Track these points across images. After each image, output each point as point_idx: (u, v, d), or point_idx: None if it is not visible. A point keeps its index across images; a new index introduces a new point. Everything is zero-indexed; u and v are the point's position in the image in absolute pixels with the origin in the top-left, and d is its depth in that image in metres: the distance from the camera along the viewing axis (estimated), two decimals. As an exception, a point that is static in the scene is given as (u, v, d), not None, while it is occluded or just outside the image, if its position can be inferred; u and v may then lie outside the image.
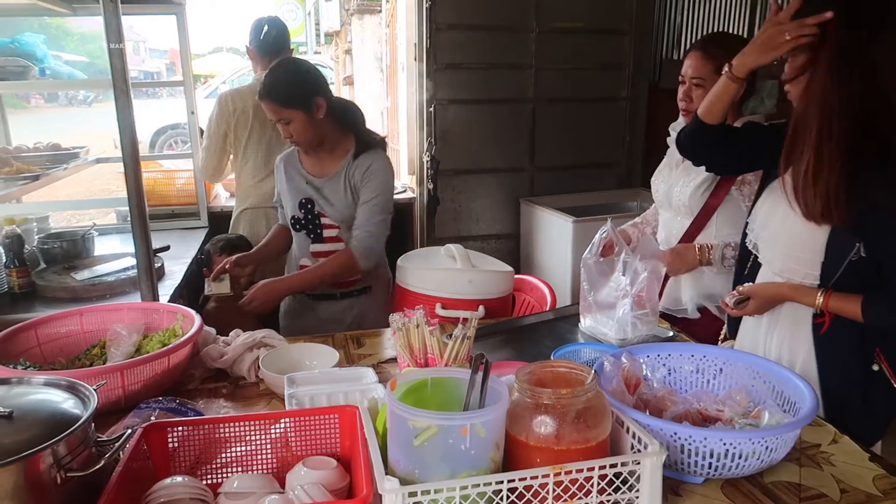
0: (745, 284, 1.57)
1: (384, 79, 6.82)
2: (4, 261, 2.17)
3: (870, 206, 1.32)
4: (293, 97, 1.95)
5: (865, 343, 1.42)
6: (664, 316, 1.95)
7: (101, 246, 2.66)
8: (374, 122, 6.75)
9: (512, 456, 1.02)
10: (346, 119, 2.12)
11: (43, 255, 2.46)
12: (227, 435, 1.12)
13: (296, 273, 2.14)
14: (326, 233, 2.11)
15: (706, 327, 1.94)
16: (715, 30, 4.06)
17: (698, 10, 4.25)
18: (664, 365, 1.39)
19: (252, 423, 1.14)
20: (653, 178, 2.12)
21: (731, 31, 3.64)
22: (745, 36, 3.25)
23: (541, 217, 3.56)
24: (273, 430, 1.14)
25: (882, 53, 1.33)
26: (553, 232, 3.42)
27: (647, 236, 1.97)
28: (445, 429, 0.94)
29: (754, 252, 1.59)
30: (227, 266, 2.07)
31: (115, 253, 2.48)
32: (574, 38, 3.74)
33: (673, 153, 2.06)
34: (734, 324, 1.71)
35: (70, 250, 2.48)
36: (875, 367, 1.41)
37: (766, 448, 1.08)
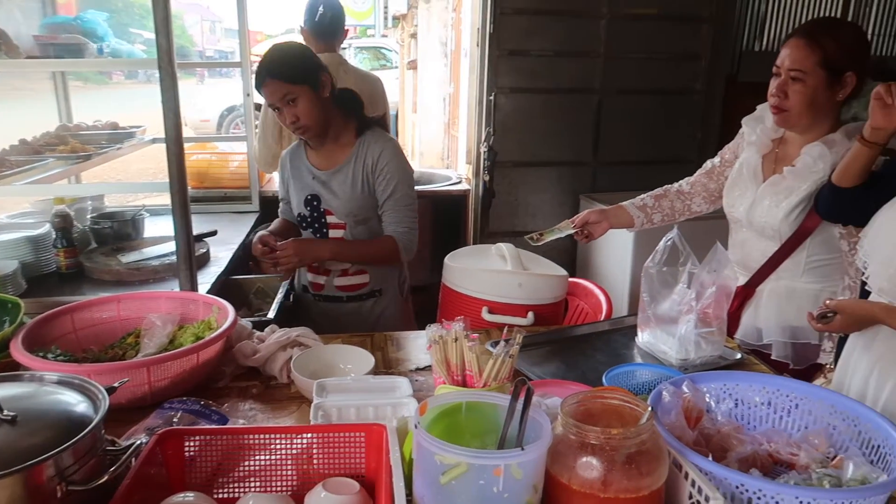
0: (836, 298, 1.42)
1: (448, 64, 6.71)
2: (53, 240, 2.16)
3: None
4: (299, 72, 1.85)
5: None
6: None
7: (152, 227, 2.64)
8: (435, 109, 6.66)
9: (551, 499, 0.91)
10: (348, 104, 2.02)
11: (95, 236, 2.46)
12: (246, 446, 1.05)
13: (334, 239, 2.02)
14: (332, 232, 2.03)
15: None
16: (803, 20, 3.79)
17: (785, -2, 3.98)
18: (731, 395, 1.24)
19: (273, 436, 1.06)
20: (726, 189, 1.89)
21: (820, 21, 3.37)
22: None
23: (601, 215, 3.38)
24: (295, 444, 1.06)
25: None
26: (613, 233, 3.22)
27: (719, 248, 1.79)
28: (476, 468, 0.84)
29: (863, 269, 1.41)
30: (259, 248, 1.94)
31: (162, 236, 2.45)
32: (648, 25, 3.52)
33: (750, 159, 1.85)
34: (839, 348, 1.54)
35: (120, 231, 2.47)
36: None
37: (849, 509, 0.93)
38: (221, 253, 2.49)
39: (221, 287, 2.26)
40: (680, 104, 3.67)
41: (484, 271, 1.87)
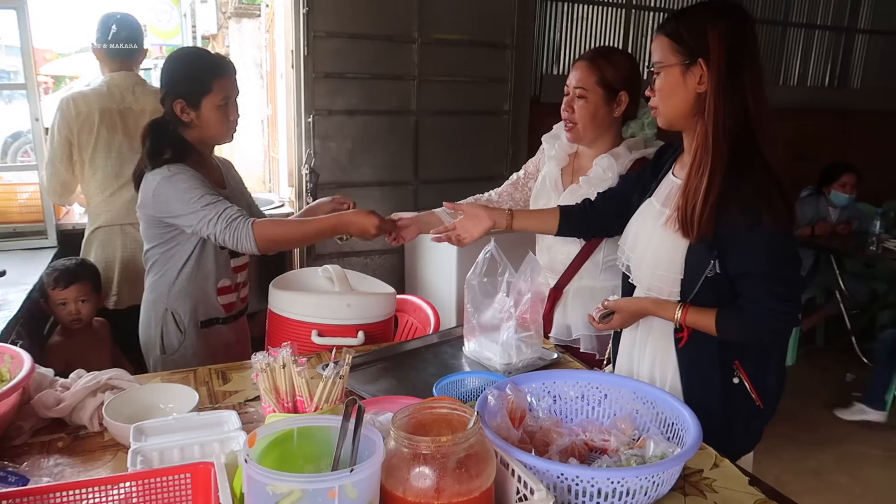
0: (611, 298, 1.59)
1: (264, 85, 6.56)
2: None
3: (725, 223, 1.35)
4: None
5: (725, 357, 1.44)
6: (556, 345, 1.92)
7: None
8: (253, 132, 6.47)
9: (388, 513, 0.92)
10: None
11: None
12: (53, 506, 0.95)
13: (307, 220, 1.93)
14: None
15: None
16: (591, 47, 4.19)
17: (576, 27, 4.37)
18: (549, 393, 1.34)
19: (85, 490, 0.97)
20: (532, 200, 2.08)
21: (606, 49, 3.75)
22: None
23: (425, 232, 3.48)
24: (113, 497, 0.98)
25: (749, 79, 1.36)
26: (438, 248, 3.34)
27: (531, 257, 1.92)
28: (310, 493, 0.83)
29: (626, 272, 1.59)
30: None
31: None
32: (457, 50, 3.70)
33: (551, 171, 2.04)
34: (616, 344, 1.70)
35: None
36: (735, 381, 1.44)
37: (654, 483, 1.04)
38: (12, 295, 2.22)
39: (14, 335, 2.01)
40: (491, 124, 3.89)
41: (311, 294, 1.85)
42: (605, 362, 1.80)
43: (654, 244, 1.49)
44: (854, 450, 3.21)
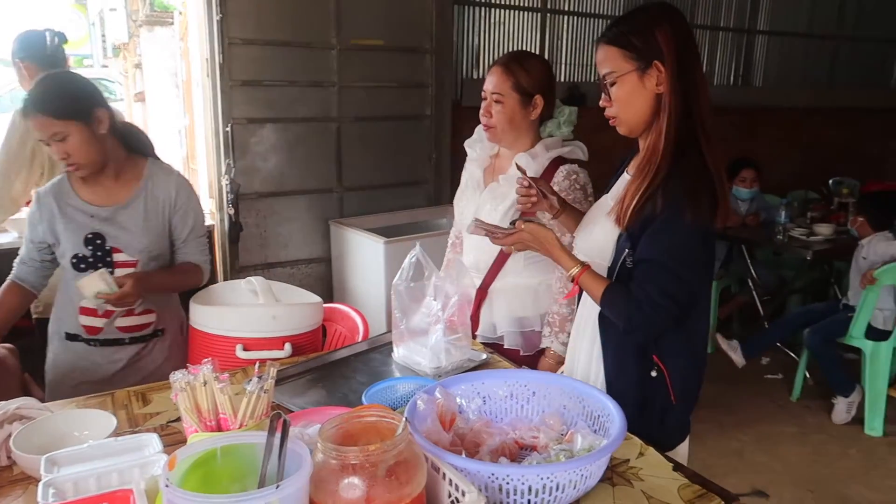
0: (525, 220, 1.59)
1: (181, 95, 6.35)
2: None
3: (648, 214, 1.38)
4: (69, 107, 1.72)
5: (644, 350, 1.46)
6: (484, 344, 1.94)
7: None
8: (171, 142, 6.26)
9: (319, 527, 0.91)
10: (132, 140, 1.93)
11: None
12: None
13: (161, 269, 1.95)
14: (119, 271, 1.85)
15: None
16: (509, 50, 4.25)
17: (495, 32, 4.44)
18: (478, 394, 1.35)
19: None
20: (456, 200, 2.11)
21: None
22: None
23: (352, 239, 3.45)
24: (21, 534, 0.92)
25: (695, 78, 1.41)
26: (365, 254, 3.34)
27: (457, 259, 1.94)
28: (235, 513, 0.80)
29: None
30: None
31: None
32: (376, 55, 3.69)
33: (473, 173, 2.07)
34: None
35: None
36: (654, 374, 1.47)
37: (582, 476, 1.06)
38: None
39: None
40: (413, 129, 3.89)
41: (234, 308, 1.81)
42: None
43: (594, 234, 1.53)
44: (772, 429, 3.38)
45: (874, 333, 3.36)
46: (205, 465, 0.93)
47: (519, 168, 1.72)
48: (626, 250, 1.42)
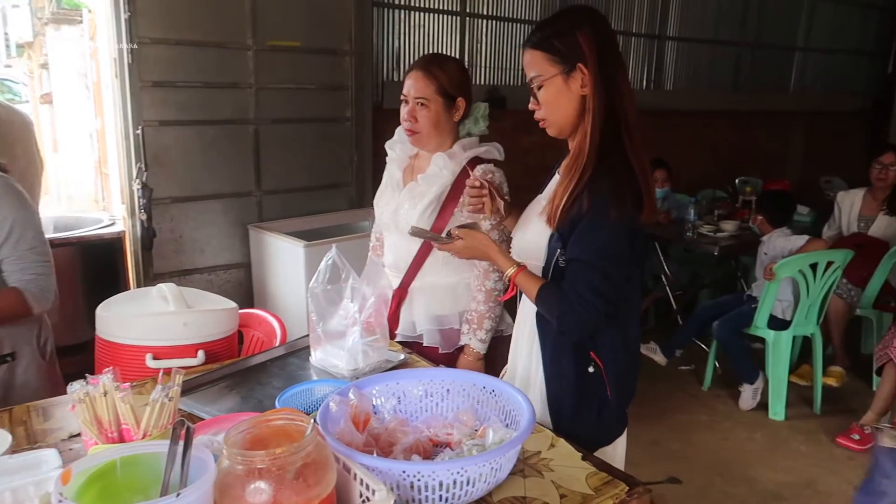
0: (463, 226, 1.63)
1: (91, 96, 6.08)
2: None
3: (576, 213, 1.42)
4: None
5: (581, 347, 1.50)
6: (403, 342, 1.95)
7: None
8: (82, 146, 5.99)
9: (225, 535, 0.89)
10: None
11: None
12: None
13: None
14: None
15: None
16: (424, 54, 4.28)
17: (414, 34, 4.46)
18: (393, 394, 1.35)
19: None
20: (375, 200, 2.12)
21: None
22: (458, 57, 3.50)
23: (271, 243, 3.39)
24: None
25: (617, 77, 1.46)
26: (285, 258, 3.29)
27: (372, 261, 1.94)
28: (133, 524, 0.78)
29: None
30: None
31: None
32: (294, 57, 3.64)
33: (393, 173, 2.08)
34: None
35: None
36: (591, 370, 1.50)
37: (493, 469, 1.09)
38: None
39: None
40: (334, 131, 3.86)
41: (143, 316, 1.75)
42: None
43: (528, 234, 1.56)
44: (685, 419, 3.53)
45: (775, 323, 3.56)
46: (103, 478, 0.91)
47: (472, 176, 1.74)
48: (559, 250, 1.45)
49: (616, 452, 1.59)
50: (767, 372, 3.59)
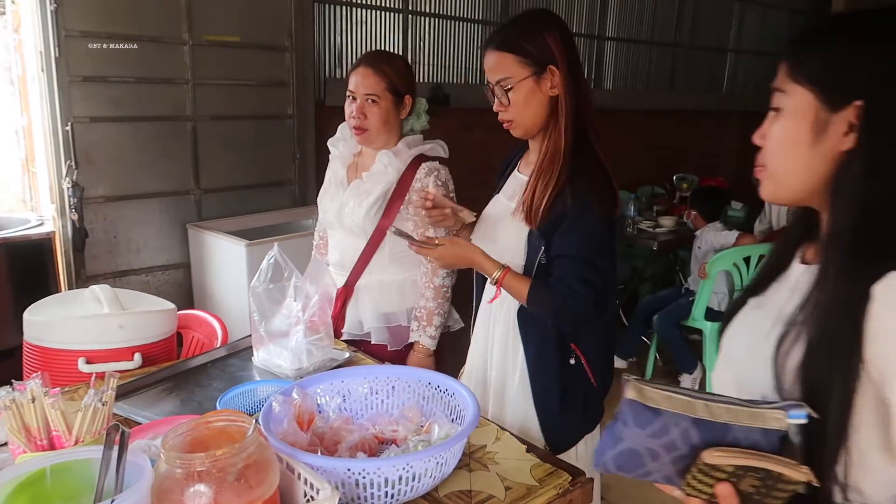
0: (444, 237, 1.65)
1: (16, 92, 5.80)
2: None
3: (558, 210, 1.44)
4: None
5: (563, 340, 1.52)
6: (350, 341, 1.93)
7: None
8: (7, 144, 5.71)
9: (163, 541, 0.87)
10: None
11: None
12: None
13: None
14: None
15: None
16: (369, 51, 4.25)
17: (357, 31, 4.41)
18: (338, 392, 1.34)
19: None
20: (319, 198, 2.09)
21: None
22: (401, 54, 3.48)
23: (211, 242, 3.31)
24: None
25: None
26: (226, 258, 3.21)
27: (315, 259, 1.92)
28: (64, 534, 0.75)
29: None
30: None
31: None
32: (233, 52, 3.55)
33: (337, 171, 2.05)
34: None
35: None
36: (572, 361, 1.53)
37: (438, 464, 1.09)
38: None
39: None
40: (275, 128, 3.79)
41: (74, 318, 1.68)
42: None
43: (500, 235, 1.57)
44: (627, 408, 3.61)
45: (712, 315, 3.69)
46: (32, 487, 0.87)
47: (424, 190, 1.71)
48: (542, 248, 1.47)
49: (595, 440, 1.62)
50: (705, 362, 3.71)
